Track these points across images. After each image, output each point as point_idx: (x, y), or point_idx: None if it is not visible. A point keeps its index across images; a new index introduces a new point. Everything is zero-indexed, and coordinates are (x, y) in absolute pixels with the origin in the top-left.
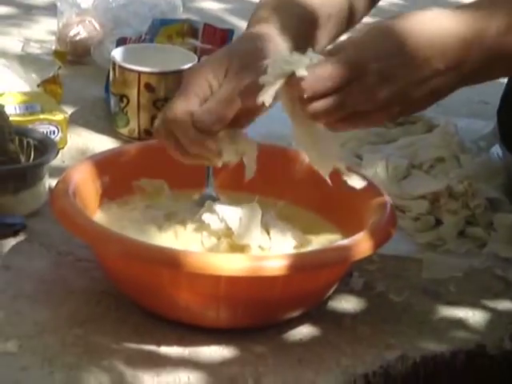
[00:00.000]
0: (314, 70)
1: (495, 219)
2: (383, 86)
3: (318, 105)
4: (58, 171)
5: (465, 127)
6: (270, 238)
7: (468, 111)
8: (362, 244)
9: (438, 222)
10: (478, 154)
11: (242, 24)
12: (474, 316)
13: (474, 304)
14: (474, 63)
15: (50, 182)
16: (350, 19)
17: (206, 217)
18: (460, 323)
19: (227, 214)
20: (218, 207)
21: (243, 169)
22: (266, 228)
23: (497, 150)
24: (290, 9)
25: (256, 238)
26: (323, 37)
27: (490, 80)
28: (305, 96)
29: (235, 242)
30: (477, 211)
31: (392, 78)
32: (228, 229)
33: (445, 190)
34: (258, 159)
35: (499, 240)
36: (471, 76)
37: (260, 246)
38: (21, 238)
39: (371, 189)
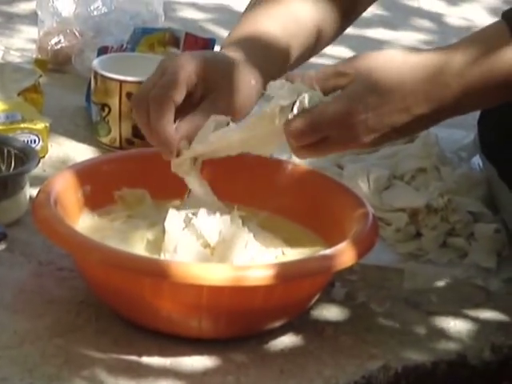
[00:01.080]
0: (308, 116)
1: (476, 229)
2: (369, 134)
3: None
4: (38, 180)
5: (445, 137)
6: (251, 248)
7: (449, 121)
8: (344, 254)
9: (419, 234)
10: (459, 165)
11: (223, 33)
12: (455, 326)
13: (455, 314)
14: (451, 100)
15: (31, 191)
16: (315, 47)
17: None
18: (441, 333)
19: (206, 229)
20: (196, 221)
21: (224, 178)
22: (247, 237)
23: (477, 160)
24: (258, 40)
25: (237, 251)
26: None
27: (479, 109)
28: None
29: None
30: (457, 226)
31: (378, 126)
32: (207, 245)
33: (424, 207)
34: (240, 169)
35: (480, 250)
36: (452, 113)
37: (243, 257)
38: (1, 247)
39: (353, 199)
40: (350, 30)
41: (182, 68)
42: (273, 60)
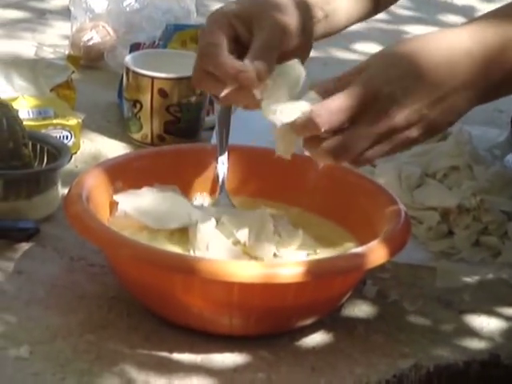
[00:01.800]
0: (326, 106)
1: (509, 228)
2: (397, 109)
3: (332, 143)
4: (71, 176)
5: (479, 135)
6: (282, 246)
7: (482, 119)
8: (376, 252)
9: (451, 232)
10: (492, 163)
11: None
12: (488, 325)
13: (488, 313)
14: (490, 79)
15: (63, 187)
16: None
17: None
18: (474, 332)
19: (236, 227)
20: (226, 219)
21: (256, 174)
22: (279, 235)
23: (511, 158)
24: None
25: (268, 249)
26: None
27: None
28: (322, 130)
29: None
30: (490, 226)
31: (405, 99)
32: (237, 242)
33: (456, 207)
34: (272, 165)
35: None
36: (492, 91)
37: (274, 255)
38: (33, 242)
39: (385, 196)
40: (382, 25)
41: (217, 21)
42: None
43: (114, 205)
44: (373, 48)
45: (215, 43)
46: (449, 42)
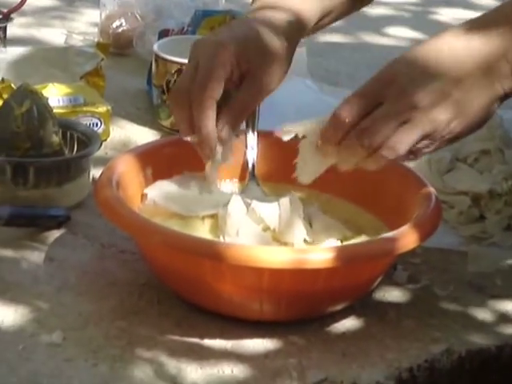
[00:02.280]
0: (345, 100)
1: None
2: (417, 87)
3: (357, 129)
4: (101, 163)
5: (510, 119)
6: (312, 231)
7: None
8: (406, 237)
9: (483, 216)
10: None
11: None
12: None
13: None
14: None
15: (94, 174)
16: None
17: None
18: (506, 317)
19: (265, 213)
20: (256, 205)
21: (285, 161)
22: (309, 221)
23: None
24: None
25: (298, 234)
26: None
27: None
28: (347, 121)
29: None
30: None
31: (423, 78)
32: (267, 228)
33: (487, 192)
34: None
35: None
36: None
37: (304, 240)
38: (64, 229)
39: (416, 180)
40: (411, 8)
41: (215, 59)
42: (295, 24)
43: (143, 192)
44: (403, 32)
45: (213, 87)
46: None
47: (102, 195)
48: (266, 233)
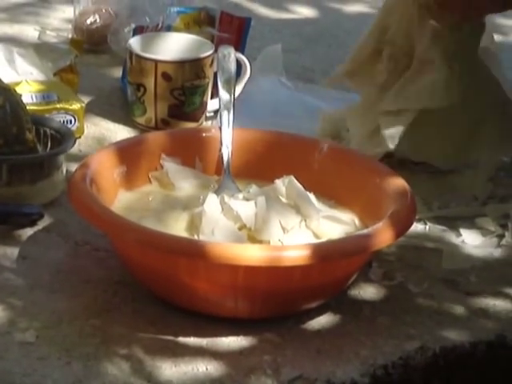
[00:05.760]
0: None
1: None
2: None
3: None
4: (75, 160)
5: None
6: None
7: None
8: (381, 233)
9: None
10: None
11: (259, 11)
12: (494, 306)
13: (494, 294)
14: None
15: (68, 172)
16: None
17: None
18: (480, 313)
19: (242, 211)
20: (232, 203)
21: (260, 157)
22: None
23: None
24: None
25: (274, 233)
26: None
27: None
28: None
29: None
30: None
31: None
32: (243, 226)
33: None
34: (275, 149)
35: None
36: None
37: (279, 240)
38: (38, 227)
39: (390, 177)
40: None
41: None
42: None
43: (117, 189)
44: None
45: None
46: None
47: (76, 193)
48: (241, 231)
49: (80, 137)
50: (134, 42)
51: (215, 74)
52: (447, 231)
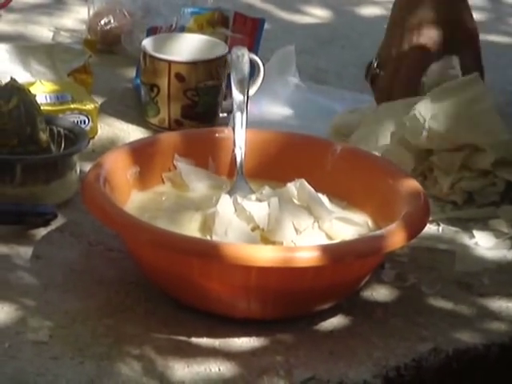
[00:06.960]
0: None
1: None
2: None
3: None
4: (88, 160)
5: None
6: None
7: None
8: (394, 235)
9: None
10: None
11: (274, 12)
12: (507, 308)
13: (507, 296)
14: None
15: (81, 172)
16: None
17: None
18: (493, 316)
19: (255, 212)
20: (245, 204)
21: (273, 159)
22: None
23: None
24: None
25: (288, 234)
26: None
27: None
28: None
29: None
30: None
31: None
32: (256, 227)
33: None
34: (288, 150)
35: None
36: None
37: (292, 241)
38: (52, 227)
39: (404, 178)
40: None
41: None
42: None
43: (131, 189)
44: None
45: None
46: None
47: (90, 193)
48: (254, 232)
49: (93, 137)
50: (148, 43)
51: (229, 75)
52: (460, 233)
